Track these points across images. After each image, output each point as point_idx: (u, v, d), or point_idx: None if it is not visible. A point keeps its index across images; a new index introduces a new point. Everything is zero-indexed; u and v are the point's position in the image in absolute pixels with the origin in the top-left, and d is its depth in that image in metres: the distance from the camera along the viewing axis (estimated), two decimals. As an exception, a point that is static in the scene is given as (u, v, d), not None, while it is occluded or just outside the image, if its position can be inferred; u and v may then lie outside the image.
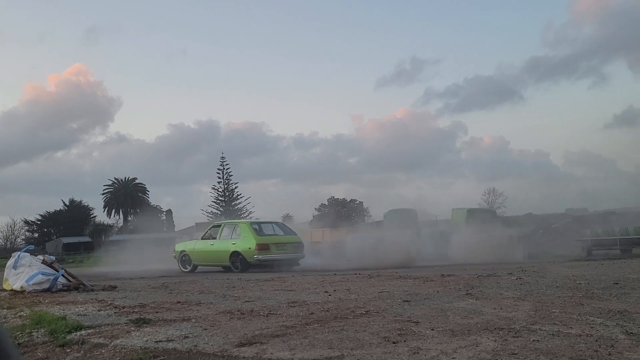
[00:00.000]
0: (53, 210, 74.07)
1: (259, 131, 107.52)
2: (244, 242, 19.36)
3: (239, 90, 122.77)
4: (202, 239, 21.12)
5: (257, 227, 20.25)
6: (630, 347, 4.77)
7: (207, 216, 68.03)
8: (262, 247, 19.09)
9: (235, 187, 74.00)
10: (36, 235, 73.40)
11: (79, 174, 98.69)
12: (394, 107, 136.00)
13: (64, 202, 75.58)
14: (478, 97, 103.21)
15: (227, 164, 74.08)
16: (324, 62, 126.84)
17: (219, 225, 21.38)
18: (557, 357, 4.43)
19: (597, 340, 5.05)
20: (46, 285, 11.53)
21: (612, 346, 4.79)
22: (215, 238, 20.43)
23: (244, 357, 4.77)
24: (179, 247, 21.85)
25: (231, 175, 73.84)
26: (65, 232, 70.30)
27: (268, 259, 19.15)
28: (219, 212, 70.00)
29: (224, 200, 73.03)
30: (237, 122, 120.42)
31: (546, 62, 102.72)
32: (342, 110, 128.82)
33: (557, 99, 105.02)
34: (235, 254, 19.37)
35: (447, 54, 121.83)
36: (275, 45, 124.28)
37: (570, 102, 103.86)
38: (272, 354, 4.86)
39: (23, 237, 72.47)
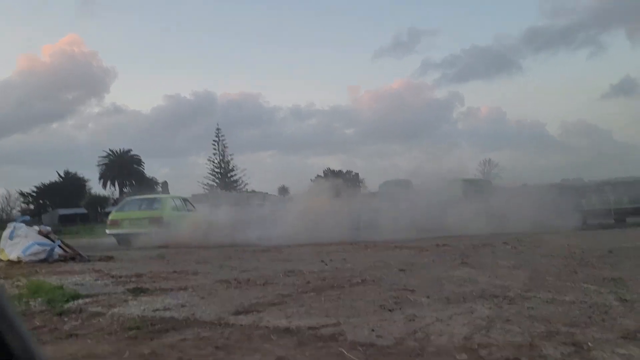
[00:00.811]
0: (48, 182, 73.87)
1: (255, 102, 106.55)
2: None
3: (235, 61, 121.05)
4: None
5: (129, 203, 21.15)
6: (623, 313, 4.81)
7: (204, 188, 68.00)
8: (113, 223, 19.65)
9: (231, 159, 73.82)
10: (32, 206, 73.29)
11: (74, 146, 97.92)
12: (391, 78, 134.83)
13: (59, 174, 75.30)
14: (475, 67, 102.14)
15: (222, 136, 73.66)
16: (322, 33, 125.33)
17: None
18: (551, 323, 4.47)
19: (590, 307, 5.09)
20: (43, 256, 11.54)
21: (606, 312, 4.84)
22: None
23: (241, 325, 4.80)
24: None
25: (227, 147, 73.61)
26: (61, 203, 70.19)
27: (116, 233, 19.45)
28: (215, 184, 69.95)
29: (220, 172, 72.94)
30: (233, 93, 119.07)
31: (544, 32, 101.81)
32: (339, 82, 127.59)
33: (555, 70, 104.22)
34: None
35: (445, 25, 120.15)
36: (272, 15, 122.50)
37: (568, 72, 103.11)
38: (268, 321, 4.89)
39: (18, 208, 72.33)
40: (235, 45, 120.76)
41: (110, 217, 20.46)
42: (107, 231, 19.79)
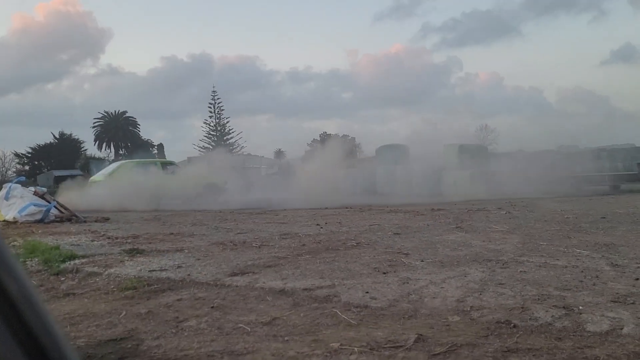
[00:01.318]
0: (44, 143, 73.49)
1: (252, 65, 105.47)
2: None
3: (232, 23, 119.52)
4: None
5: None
6: (614, 277, 4.88)
7: (199, 150, 67.84)
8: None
9: (227, 122, 73.46)
10: (27, 167, 73.05)
11: (70, 107, 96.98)
12: (391, 42, 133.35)
13: (54, 135, 74.85)
14: (476, 32, 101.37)
15: (218, 98, 73.15)
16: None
17: None
18: (542, 287, 4.53)
19: (582, 272, 5.15)
20: (39, 217, 11.58)
21: (597, 277, 4.90)
22: None
23: (236, 286, 4.85)
24: None
25: (223, 110, 73.10)
26: (56, 165, 69.88)
27: None
28: (211, 147, 69.75)
29: (216, 134, 72.65)
30: (230, 55, 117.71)
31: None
32: (337, 45, 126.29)
33: (556, 35, 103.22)
34: None
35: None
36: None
37: (569, 37, 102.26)
38: (264, 283, 4.93)
39: (14, 169, 72.08)
40: (233, 7, 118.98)
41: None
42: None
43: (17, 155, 73.03)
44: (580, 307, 3.84)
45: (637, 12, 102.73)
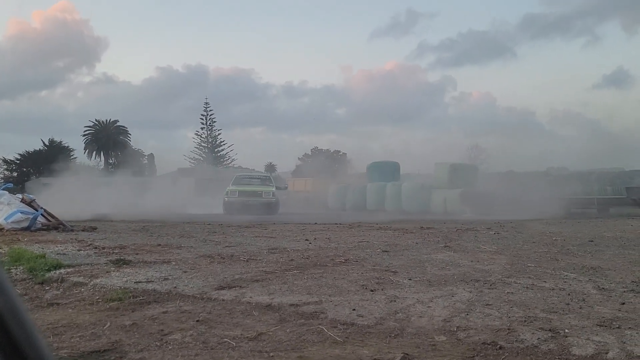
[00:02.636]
0: (32, 150, 73.05)
1: (247, 78, 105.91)
2: None
3: (229, 36, 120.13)
4: None
5: None
6: (601, 301, 4.89)
7: (190, 162, 67.65)
8: None
9: (219, 134, 73.41)
10: (15, 174, 72.49)
11: (62, 114, 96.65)
12: (387, 60, 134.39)
13: (43, 142, 74.44)
14: (471, 52, 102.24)
15: (210, 110, 73.12)
16: (320, 11, 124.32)
17: None
18: (529, 309, 4.53)
19: (569, 294, 5.17)
20: (25, 224, 11.46)
21: (584, 300, 4.91)
22: None
23: (223, 300, 4.82)
24: None
25: (215, 122, 73.13)
26: (45, 172, 69.54)
27: None
28: (202, 158, 69.59)
29: (207, 146, 72.55)
30: (226, 67, 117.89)
31: (541, 19, 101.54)
32: (334, 61, 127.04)
33: (549, 58, 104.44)
34: None
35: (444, 8, 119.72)
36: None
37: (562, 60, 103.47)
38: (251, 297, 4.91)
39: (1, 176, 71.52)
40: (231, 19, 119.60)
41: None
42: None
43: (5, 161, 72.44)
44: (566, 330, 3.85)
45: (630, 37, 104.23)
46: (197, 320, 4.09)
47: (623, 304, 4.78)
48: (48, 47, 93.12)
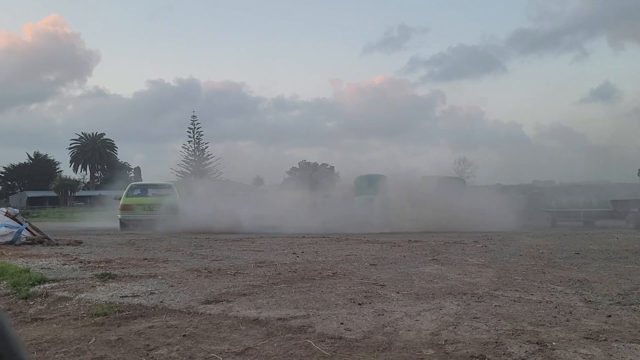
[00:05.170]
0: (18, 163, 72.45)
1: (239, 91, 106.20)
2: None
3: (221, 50, 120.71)
4: None
5: None
6: (587, 314, 4.91)
7: (177, 175, 67.43)
8: None
9: (206, 147, 73.34)
10: (-1, 187, 71.80)
11: (51, 127, 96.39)
12: (379, 74, 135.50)
13: (28, 155, 73.91)
14: (461, 66, 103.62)
15: (198, 123, 73.14)
16: (312, 26, 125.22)
17: None
18: (517, 321, 4.55)
19: (556, 307, 5.19)
20: (9, 238, 11.33)
21: (571, 313, 4.93)
22: None
23: (210, 315, 4.78)
24: None
25: (202, 135, 73.13)
26: (30, 185, 68.98)
27: None
28: (189, 172, 69.40)
29: (194, 159, 72.40)
30: (217, 81, 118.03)
31: (531, 34, 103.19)
32: (325, 75, 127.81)
33: (538, 72, 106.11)
34: None
35: (435, 23, 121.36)
36: (262, 5, 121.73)
37: (551, 75, 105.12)
38: (238, 311, 4.87)
39: (-14, 189, 70.78)
40: (223, 34, 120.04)
41: None
42: None
43: (-11, 174, 71.82)
44: (554, 343, 3.86)
45: (617, 53, 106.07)
46: (184, 335, 4.05)
47: (609, 316, 4.80)
48: (39, 60, 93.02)
